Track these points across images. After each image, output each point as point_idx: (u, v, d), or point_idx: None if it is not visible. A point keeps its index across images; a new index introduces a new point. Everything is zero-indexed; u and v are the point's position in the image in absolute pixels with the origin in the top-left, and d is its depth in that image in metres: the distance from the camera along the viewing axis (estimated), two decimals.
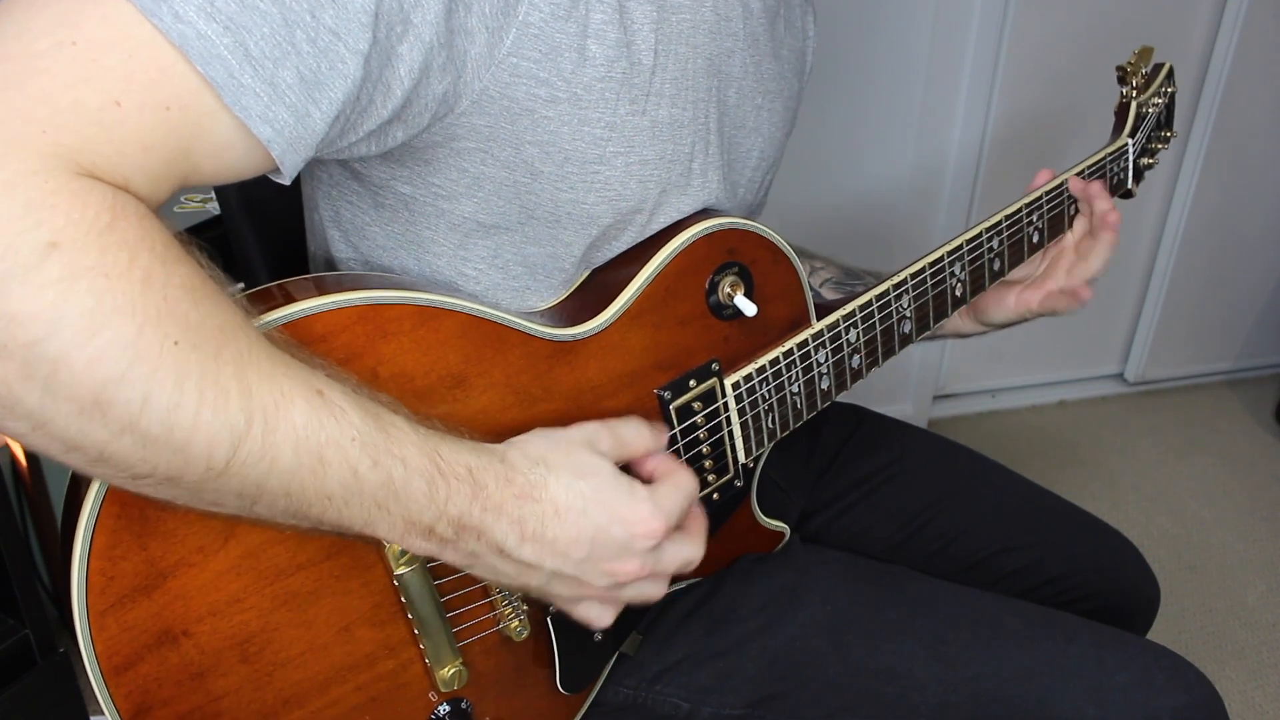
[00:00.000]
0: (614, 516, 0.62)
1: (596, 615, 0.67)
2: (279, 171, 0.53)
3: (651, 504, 0.63)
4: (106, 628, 0.55)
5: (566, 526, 0.61)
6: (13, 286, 0.43)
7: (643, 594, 0.67)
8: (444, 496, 0.56)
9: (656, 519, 0.63)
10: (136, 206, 0.47)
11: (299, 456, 0.51)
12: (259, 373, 0.50)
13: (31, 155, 0.44)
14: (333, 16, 0.50)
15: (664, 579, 0.68)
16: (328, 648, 0.63)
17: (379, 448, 0.54)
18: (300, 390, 0.51)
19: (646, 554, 0.64)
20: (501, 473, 0.59)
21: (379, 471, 0.54)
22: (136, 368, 0.45)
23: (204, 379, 0.47)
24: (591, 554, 0.62)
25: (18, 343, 0.43)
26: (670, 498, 0.66)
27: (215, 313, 0.49)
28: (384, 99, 0.55)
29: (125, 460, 0.47)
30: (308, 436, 0.51)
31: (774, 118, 0.83)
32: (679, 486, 0.67)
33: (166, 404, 0.46)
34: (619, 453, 0.67)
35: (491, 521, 0.58)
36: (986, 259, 0.91)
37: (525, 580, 0.62)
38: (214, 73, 0.48)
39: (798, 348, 0.80)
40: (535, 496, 0.60)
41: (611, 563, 0.63)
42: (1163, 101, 1.06)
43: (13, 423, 0.45)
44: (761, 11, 0.78)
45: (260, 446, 0.49)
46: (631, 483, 0.64)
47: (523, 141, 0.63)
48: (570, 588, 0.64)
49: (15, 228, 0.43)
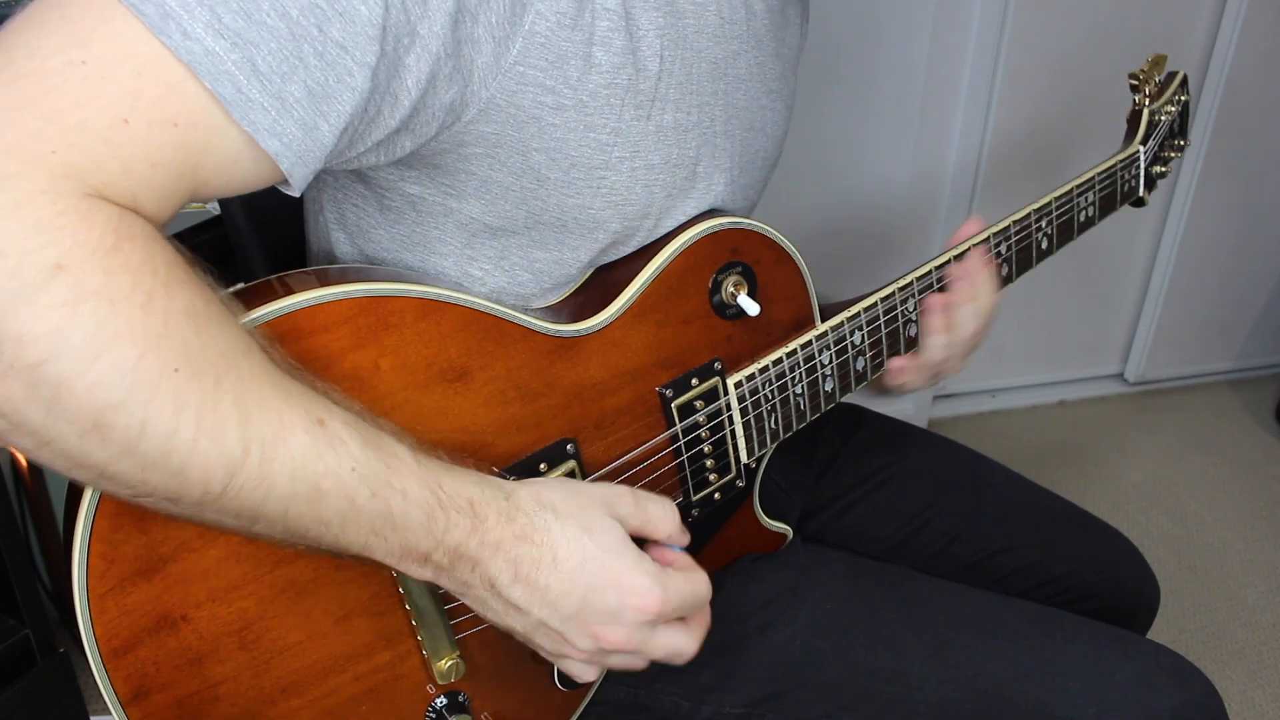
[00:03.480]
0: (611, 580, 0.61)
1: (580, 671, 0.65)
2: (287, 184, 0.54)
3: (654, 580, 0.62)
4: (106, 610, 0.55)
5: (560, 578, 0.60)
6: (20, 308, 0.43)
7: (626, 664, 0.65)
8: (442, 528, 0.57)
9: (653, 595, 0.61)
10: (143, 227, 0.47)
11: (295, 485, 0.51)
12: (259, 401, 0.50)
13: (42, 175, 0.44)
14: (340, 30, 0.50)
15: (649, 660, 0.66)
16: (326, 637, 0.63)
17: (378, 479, 0.54)
18: (300, 420, 0.51)
19: (636, 628, 0.62)
20: (505, 510, 0.59)
21: (377, 502, 0.54)
22: (135, 394, 0.45)
23: (202, 408, 0.47)
24: (580, 612, 0.61)
25: (23, 363, 0.43)
26: (679, 585, 0.64)
27: (217, 338, 0.49)
28: (391, 110, 0.55)
29: (127, 480, 0.48)
30: (305, 466, 0.51)
31: (776, 117, 0.83)
32: (691, 582, 0.65)
33: (164, 431, 0.47)
34: (638, 522, 0.65)
35: (488, 556, 0.58)
36: (994, 265, 0.91)
37: (510, 622, 0.62)
38: (222, 89, 0.48)
39: (801, 348, 0.80)
40: (535, 540, 0.59)
41: (598, 626, 0.61)
42: (1176, 109, 1.05)
43: (19, 439, 0.46)
44: (765, 12, 0.78)
45: (257, 475, 0.50)
46: (641, 555, 0.63)
47: (529, 148, 0.63)
48: (554, 642, 0.62)
49: (24, 247, 0.43)
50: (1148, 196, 1.07)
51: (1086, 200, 0.98)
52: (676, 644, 0.65)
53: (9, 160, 0.44)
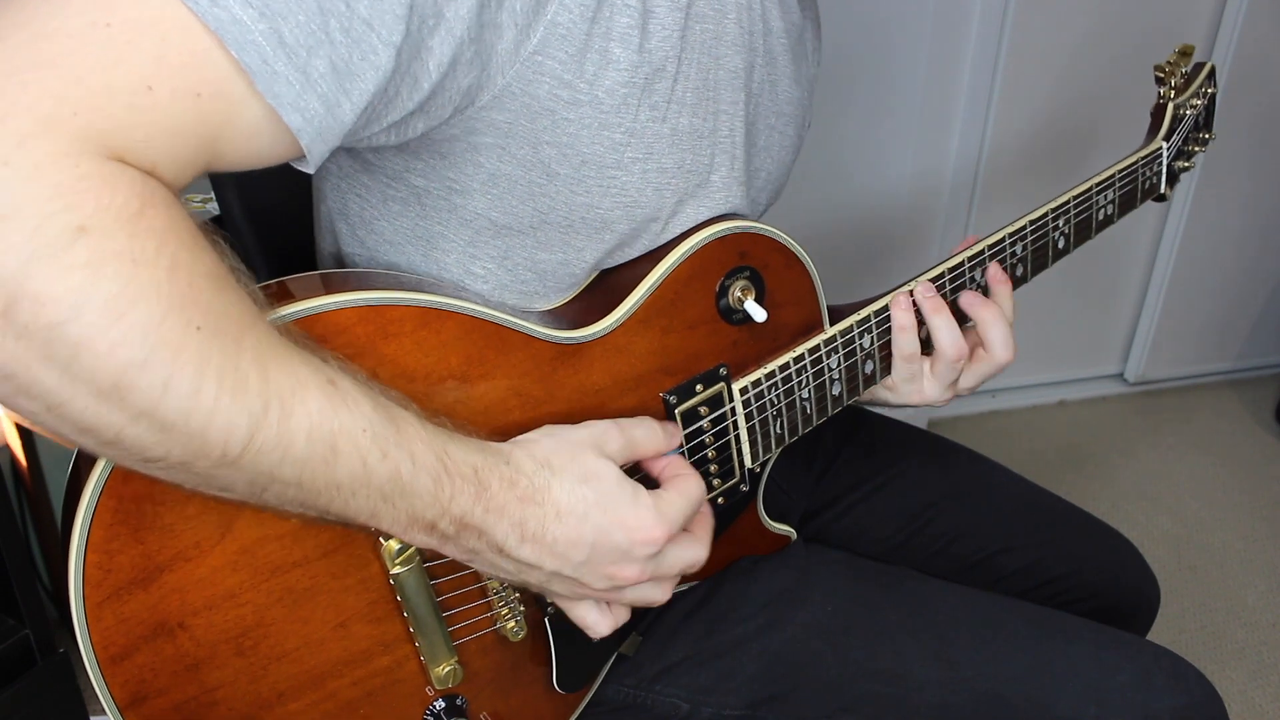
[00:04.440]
0: (615, 522, 0.62)
1: (595, 620, 0.67)
2: (303, 159, 0.53)
3: (654, 511, 0.64)
4: (103, 618, 0.55)
5: (567, 529, 0.61)
6: (38, 268, 0.42)
7: (645, 596, 0.67)
8: (448, 495, 0.57)
9: (658, 527, 0.63)
10: (165, 193, 0.47)
11: (312, 445, 0.51)
12: (277, 361, 0.50)
13: (63, 137, 0.43)
14: (367, 7, 0.50)
15: (668, 582, 0.68)
16: (324, 643, 0.63)
17: (389, 440, 0.54)
18: (315, 379, 0.51)
19: (647, 560, 0.64)
20: (506, 474, 0.59)
21: (388, 464, 0.54)
22: (159, 352, 0.45)
23: (224, 365, 0.47)
24: (591, 557, 0.62)
25: (39, 324, 0.43)
26: (675, 504, 0.65)
27: (237, 302, 0.49)
28: (411, 91, 0.55)
29: (139, 444, 0.47)
30: (321, 424, 0.51)
31: (785, 141, 0.83)
32: (685, 493, 0.67)
33: (187, 390, 0.46)
34: (629, 453, 0.67)
35: (494, 522, 0.59)
36: (1010, 264, 0.89)
37: (524, 578, 0.63)
38: (248, 58, 0.47)
39: (809, 353, 0.79)
40: (538, 500, 0.60)
41: (610, 567, 0.63)
42: (1202, 103, 1.03)
43: (26, 402, 0.45)
44: (783, 31, 0.78)
45: (275, 434, 0.50)
46: (636, 488, 0.64)
47: (541, 141, 0.63)
48: (569, 587, 0.64)
49: (45, 210, 0.42)
50: (1170, 192, 1.03)
51: (1106, 198, 0.95)
52: (687, 556, 0.67)
53: (28, 120, 0.43)
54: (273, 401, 0.49)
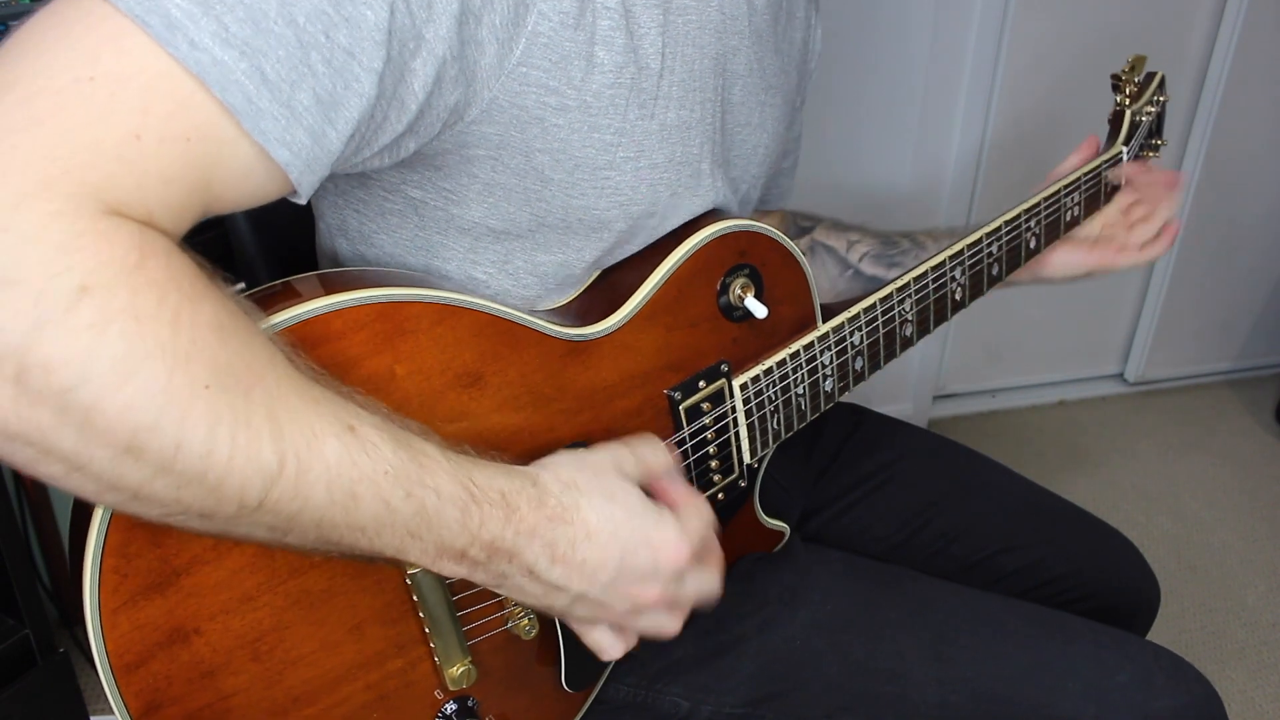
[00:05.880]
0: (642, 540, 0.62)
1: (609, 644, 0.67)
2: (295, 194, 0.53)
3: (678, 530, 0.64)
4: (118, 625, 0.54)
5: (596, 549, 0.61)
6: (47, 334, 0.42)
7: (659, 625, 0.67)
8: (478, 522, 0.56)
9: (683, 544, 0.64)
10: (164, 242, 0.47)
11: (331, 494, 0.51)
12: (289, 412, 0.49)
13: (57, 196, 0.43)
14: (346, 36, 0.50)
15: (681, 612, 0.68)
16: (339, 646, 0.63)
17: (412, 479, 0.54)
18: (331, 427, 0.51)
19: (669, 581, 0.64)
20: (534, 496, 0.59)
21: (412, 502, 0.54)
22: (169, 413, 0.45)
23: (236, 423, 0.47)
24: (617, 577, 0.62)
25: (52, 390, 0.43)
26: (693, 524, 0.66)
27: (243, 351, 0.48)
28: (398, 115, 0.55)
29: (161, 499, 0.47)
30: (340, 474, 0.51)
31: (775, 112, 0.83)
32: (700, 514, 0.67)
33: (200, 449, 0.46)
34: (641, 472, 0.67)
35: (524, 544, 0.58)
36: (986, 264, 0.92)
37: (550, 601, 0.62)
38: (232, 99, 0.47)
39: (804, 350, 0.80)
40: (567, 519, 0.60)
41: (634, 587, 0.63)
42: (1155, 110, 1.08)
43: (48, 467, 0.45)
44: (765, 7, 0.78)
45: (293, 486, 0.49)
46: (660, 509, 0.65)
47: (533, 149, 0.63)
48: (590, 610, 0.64)
49: (48, 272, 0.42)
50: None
51: (1073, 200, 1.00)
52: (703, 585, 0.68)
53: (23, 181, 0.43)
54: (288, 456, 0.49)
